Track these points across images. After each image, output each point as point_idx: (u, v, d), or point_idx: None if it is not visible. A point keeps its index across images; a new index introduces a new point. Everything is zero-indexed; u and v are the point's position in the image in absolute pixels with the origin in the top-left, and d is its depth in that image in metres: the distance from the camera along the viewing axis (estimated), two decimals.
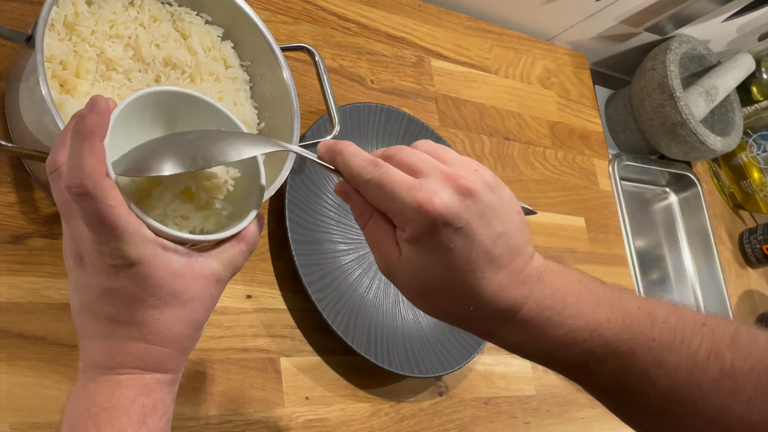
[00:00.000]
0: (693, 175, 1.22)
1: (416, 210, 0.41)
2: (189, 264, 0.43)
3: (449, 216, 0.40)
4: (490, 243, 0.42)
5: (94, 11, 0.60)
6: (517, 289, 0.43)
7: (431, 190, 0.41)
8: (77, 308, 0.44)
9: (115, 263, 0.41)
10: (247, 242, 0.46)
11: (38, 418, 0.54)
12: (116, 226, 0.40)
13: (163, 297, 0.42)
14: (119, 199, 0.40)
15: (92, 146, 0.40)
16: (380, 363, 0.69)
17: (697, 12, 1.11)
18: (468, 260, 0.41)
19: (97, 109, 0.40)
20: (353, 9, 0.88)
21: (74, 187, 0.39)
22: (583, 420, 0.89)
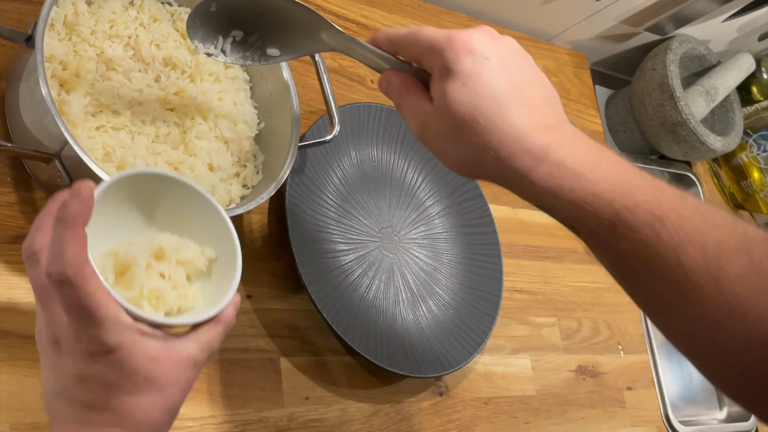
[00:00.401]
0: (693, 175, 1.22)
1: (444, 40, 0.44)
2: (166, 348, 0.43)
3: (475, 44, 0.44)
4: (519, 82, 0.45)
5: (94, 11, 0.60)
6: (548, 132, 0.44)
7: (461, 30, 0.45)
8: (51, 393, 0.43)
9: (92, 350, 0.40)
10: (223, 324, 0.46)
11: (38, 418, 0.54)
12: (95, 314, 0.39)
13: (140, 383, 0.42)
14: (99, 285, 0.40)
15: (75, 234, 0.39)
16: (380, 363, 0.69)
17: (697, 12, 1.11)
18: (497, 89, 0.44)
19: (81, 196, 0.40)
20: (353, 9, 0.88)
21: (55, 274, 0.39)
22: (583, 420, 0.89)
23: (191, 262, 0.48)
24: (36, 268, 0.42)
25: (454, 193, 0.85)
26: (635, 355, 0.99)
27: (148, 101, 0.60)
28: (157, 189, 0.49)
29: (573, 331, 0.94)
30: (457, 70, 0.44)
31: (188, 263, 0.48)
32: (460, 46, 0.44)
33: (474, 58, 0.44)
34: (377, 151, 0.81)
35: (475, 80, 0.44)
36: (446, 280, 0.81)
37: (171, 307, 0.47)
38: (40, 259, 0.41)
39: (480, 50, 0.44)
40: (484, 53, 0.44)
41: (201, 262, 0.49)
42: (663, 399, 1.00)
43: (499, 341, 0.85)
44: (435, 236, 0.83)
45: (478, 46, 0.44)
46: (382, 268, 0.77)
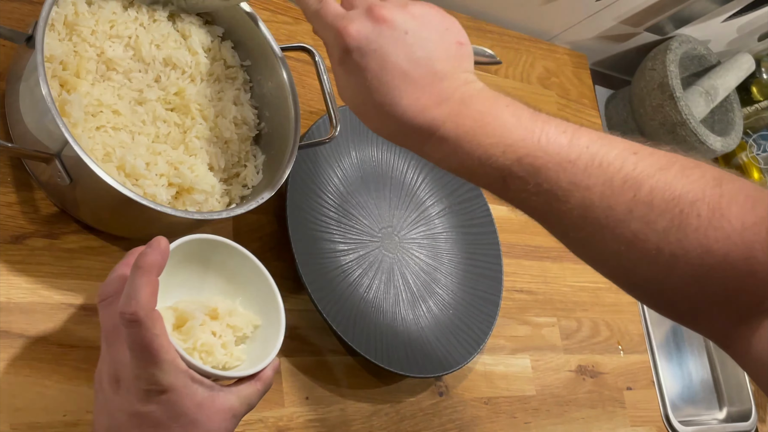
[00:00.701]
0: None
1: (334, 36, 0.48)
2: (211, 397, 0.47)
3: (360, 40, 0.46)
4: (406, 65, 0.47)
5: (94, 11, 0.60)
6: (435, 108, 0.47)
7: (349, 18, 0.47)
8: (104, 429, 0.47)
9: (149, 388, 0.44)
10: (263, 383, 0.51)
11: (38, 418, 0.54)
12: (157, 354, 0.44)
13: (186, 425, 0.45)
14: (163, 329, 0.45)
15: (150, 280, 0.45)
16: (380, 363, 0.69)
17: (697, 12, 1.11)
18: (381, 79, 0.47)
19: (160, 249, 0.46)
20: None
21: (128, 314, 0.43)
22: (583, 420, 0.89)
23: (240, 327, 0.53)
24: (108, 310, 0.47)
25: (454, 193, 0.85)
26: (635, 355, 0.99)
27: (149, 101, 0.60)
28: (213, 252, 0.55)
29: (573, 331, 0.94)
30: (347, 64, 0.47)
31: (237, 328, 0.53)
32: (349, 41, 0.47)
33: (361, 54, 0.47)
34: (377, 151, 0.81)
35: (362, 74, 0.47)
36: (446, 280, 0.81)
37: (218, 363, 0.51)
38: (113, 302, 0.47)
39: (366, 45, 0.47)
40: (371, 46, 0.47)
41: (248, 329, 0.54)
42: (663, 399, 1.00)
43: (499, 341, 0.85)
44: (435, 236, 0.83)
45: (364, 41, 0.47)
46: (382, 268, 0.77)
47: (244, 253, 0.55)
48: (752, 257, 0.42)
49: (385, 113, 0.47)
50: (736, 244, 0.42)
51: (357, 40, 0.46)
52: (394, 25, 0.47)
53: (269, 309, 0.55)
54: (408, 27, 0.47)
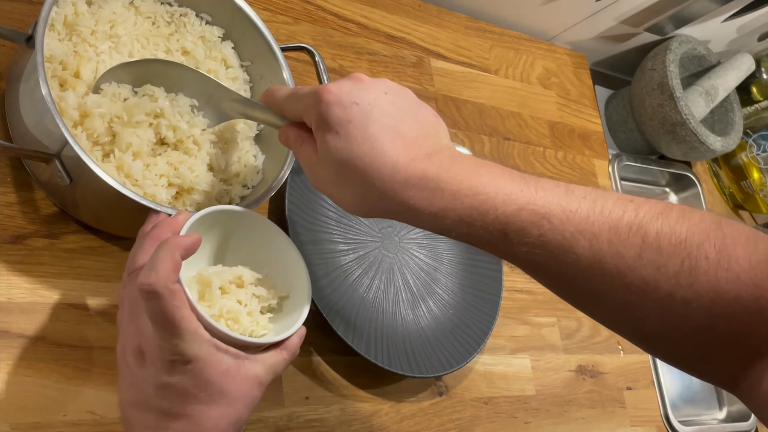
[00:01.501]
0: (693, 175, 1.22)
1: (314, 96, 0.46)
2: (237, 365, 0.47)
3: (342, 95, 0.46)
4: (388, 119, 0.46)
5: (94, 11, 0.60)
6: (425, 160, 0.45)
7: (327, 83, 0.47)
8: (130, 402, 0.47)
9: (173, 359, 0.45)
10: (289, 351, 0.51)
11: (38, 418, 0.54)
12: (178, 325, 0.44)
13: (213, 394, 0.45)
14: (183, 300, 0.45)
15: (172, 255, 0.45)
16: (380, 363, 0.69)
17: (697, 12, 1.11)
18: (366, 130, 0.45)
19: (194, 238, 0.47)
20: (353, 9, 0.88)
21: (146, 285, 0.43)
22: (583, 420, 0.89)
23: (266, 297, 0.54)
24: (134, 283, 0.47)
25: None
26: (635, 355, 0.99)
27: None
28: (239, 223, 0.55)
29: (573, 331, 0.94)
30: (329, 121, 0.45)
31: (262, 298, 0.53)
32: (329, 97, 0.46)
33: (343, 107, 0.45)
34: None
35: (346, 126, 0.45)
36: (446, 280, 0.82)
37: (244, 330, 0.51)
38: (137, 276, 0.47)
39: (347, 99, 0.46)
40: (352, 99, 0.45)
41: (274, 300, 0.54)
42: (663, 399, 1.00)
43: (499, 341, 0.85)
44: (435, 236, 0.83)
45: (345, 95, 0.46)
46: (382, 268, 0.77)
47: (270, 225, 0.55)
48: (762, 296, 0.42)
49: (371, 168, 0.45)
50: (745, 284, 0.42)
51: (338, 95, 0.46)
52: (374, 85, 0.47)
53: (296, 281, 0.55)
54: (387, 89, 0.47)
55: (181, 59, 0.64)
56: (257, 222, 0.55)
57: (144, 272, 0.44)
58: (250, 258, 0.56)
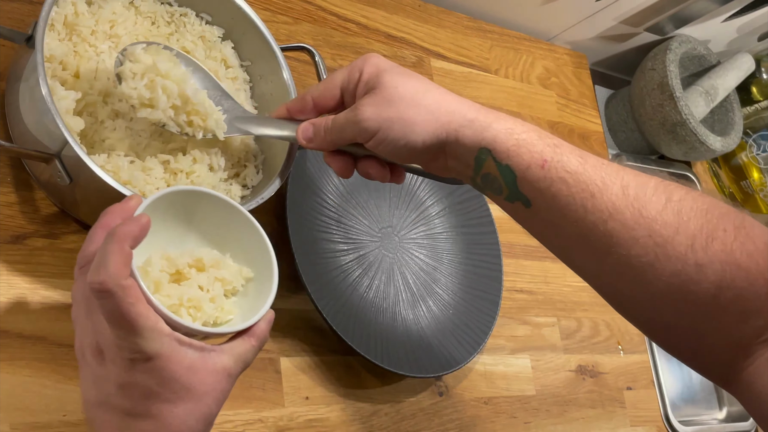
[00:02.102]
0: (693, 175, 1.22)
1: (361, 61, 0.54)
2: (203, 359, 0.45)
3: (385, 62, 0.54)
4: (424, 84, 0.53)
5: (94, 11, 0.60)
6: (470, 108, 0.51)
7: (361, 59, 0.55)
8: (92, 402, 0.45)
9: (133, 357, 0.42)
10: (257, 338, 0.48)
11: (38, 418, 0.54)
12: (135, 323, 0.42)
13: (178, 391, 0.43)
14: (138, 296, 0.42)
15: (121, 249, 0.42)
16: (380, 363, 0.69)
17: (697, 12, 1.11)
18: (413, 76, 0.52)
19: (140, 222, 0.44)
20: (353, 9, 0.88)
21: (97, 284, 0.41)
22: (583, 420, 0.89)
23: (229, 281, 0.51)
24: (84, 278, 0.45)
25: (454, 193, 0.85)
26: (635, 355, 0.99)
27: None
28: (197, 205, 0.52)
29: (573, 331, 0.94)
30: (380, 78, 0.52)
31: (226, 281, 0.51)
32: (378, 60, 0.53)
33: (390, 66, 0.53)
34: None
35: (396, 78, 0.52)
36: (446, 280, 0.81)
37: (208, 318, 0.49)
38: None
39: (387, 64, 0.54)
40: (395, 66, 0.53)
41: (238, 281, 0.52)
42: (663, 399, 1.00)
43: (499, 341, 0.85)
44: (435, 236, 0.83)
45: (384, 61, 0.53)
46: (382, 268, 0.77)
47: (230, 203, 0.52)
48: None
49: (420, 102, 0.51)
50: (758, 263, 0.43)
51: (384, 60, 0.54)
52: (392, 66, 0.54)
53: (261, 261, 0.52)
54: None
55: None
56: (217, 202, 0.52)
57: (93, 270, 0.42)
58: (211, 240, 0.53)
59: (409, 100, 0.51)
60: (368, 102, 0.51)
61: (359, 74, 0.53)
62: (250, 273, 0.52)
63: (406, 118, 0.50)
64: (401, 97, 0.51)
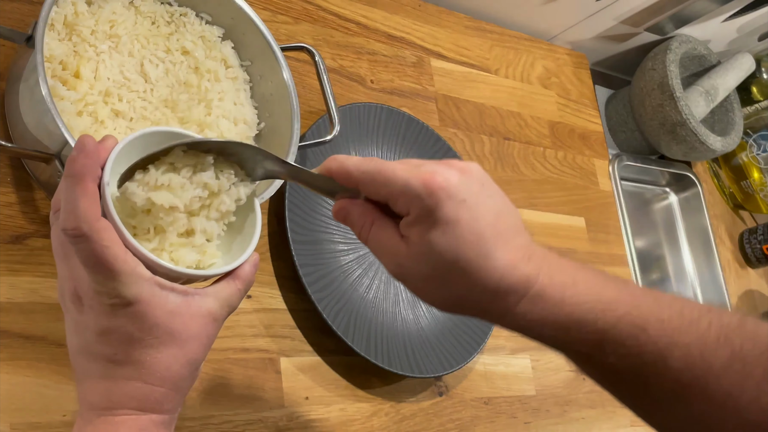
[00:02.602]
0: (693, 175, 1.22)
1: (420, 185, 0.42)
2: (186, 303, 0.43)
3: (452, 188, 0.42)
4: (492, 217, 0.43)
5: (94, 11, 0.60)
6: (526, 264, 0.43)
7: (432, 169, 0.42)
8: (75, 350, 0.44)
9: (112, 302, 0.41)
10: (242, 280, 0.46)
11: (38, 418, 0.54)
12: (112, 267, 0.40)
13: (161, 336, 0.42)
14: (115, 239, 0.40)
15: (84, 188, 0.40)
16: (380, 363, 0.69)
17: (697, 12, 1.11)
18: (476, 232, 0.42)
19: (85, 150, 0.41)
20: (353, 9, 0.88)
21: (70, 230, 0.40)
22: (583, 420, 0.89)
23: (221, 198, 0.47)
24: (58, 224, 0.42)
25: None
26: None
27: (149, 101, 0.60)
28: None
29: None
30: (437, 218, 0.42)
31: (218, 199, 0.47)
32: (439, 191, 0.42)
33: (453, 203, 0.42)
34: (377, 151, 0.81)
35: (455, 226, 0.42)
36: None
37: (190, 262, 0.47)
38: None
39: (456, 193, 0.42)
40: (461, 195, 0.42)
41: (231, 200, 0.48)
42: None
43: (499, 341, 0.85)
44: None
45: (453, 189, 0.42)
46: (382, 268, 0.77)
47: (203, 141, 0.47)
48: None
49: (476, 272, 0.42)
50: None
51: (448, 188, 0.41)
52: (474, 175, 0.43)
53: (244, 205, 0.49)
54: (483, 179, 0.44)
55: (180, 59, 0.64)
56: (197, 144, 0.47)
57: (63, 216, 0.40)
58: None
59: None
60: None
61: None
62: (232, 217, 0.49)
63: None
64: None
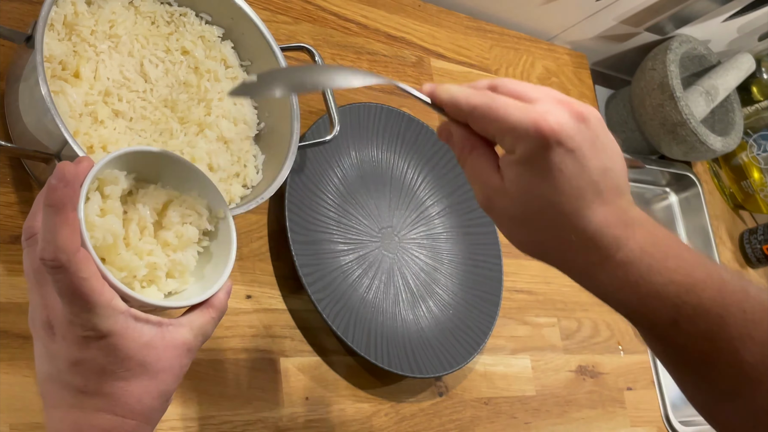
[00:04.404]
0: (693, 175, 1.22)
1: (530, 127, 0.40)
2: (160, 334, 0.43)
3: (563, 135, 0.40)
4: (597, 174, 0.41)
5: (94, 11, 0.60)
6: (620, 227, 0.42)
7: (545, 110, 0.40)
8: (44, 377, 0.43)
9: (86, 335, 0.41)
10: (216, 309, 0.46)
11: (38, 418, 0.54)
12: (89, 299, 0.40)
13: (133, 368, 0.42)
14: (93, 270, 0.40)
15: (65, 218, 0.40)
16: (380, 363, 0.69)
17: (697, 12, 1.11)
18: (577, 186, 0.41)
19: (65, 179, 0.40)
20: (353, 9, 0.88)
21: (48, 260, 0.39)
22: (583, 420, 0.89)
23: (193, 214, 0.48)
24: (32, 248, 0.42)
25: (454, 193, 0.85)
26: (635, 355, 0.99)
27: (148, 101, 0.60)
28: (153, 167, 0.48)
29: (573, 332, 0.94)
30: (541, 163, 0.40)
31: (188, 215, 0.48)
32: (550, 136, 0.39)
33: (561, 151, 0.40)
34: (377, 151, 0.81)
35: (558, 176, 0.40)
36: (446, 280, 0.81)
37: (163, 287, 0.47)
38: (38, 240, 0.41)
39: (566, 140, 0.40)
40: (570, 144, 0.40)
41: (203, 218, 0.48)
42: (663, 399, 1.00)
43: (499, 341, 0.85)
44: (435, 236, 0.83)
45: (565, 135, 0.40)
46: (382, 268, 0.77)
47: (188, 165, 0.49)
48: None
49: (566, 222, 0.41)
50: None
51: (560, 135, 0.39)
52: (591, 125, 0.41)
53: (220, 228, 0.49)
54: (599, 130, 0.42)
55: (180, 59, 0.64)
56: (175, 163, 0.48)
57: (42, 245, 0.39)
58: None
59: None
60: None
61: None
62: (207, 241, 0.49)
63: None
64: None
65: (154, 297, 0.45)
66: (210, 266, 0.50)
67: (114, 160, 0.45)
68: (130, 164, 0.47)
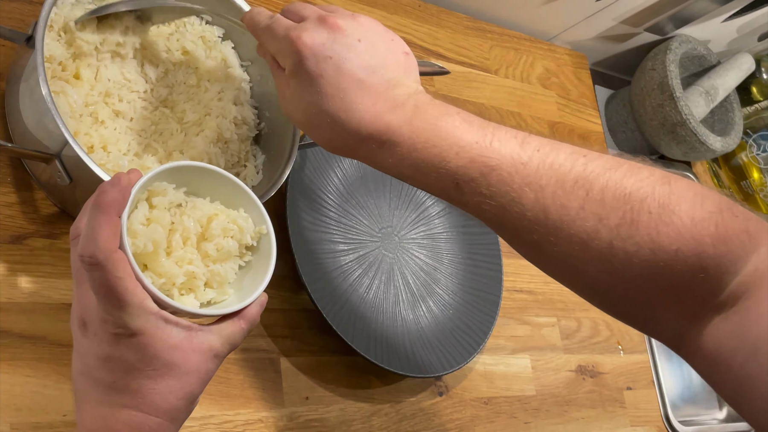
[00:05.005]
0: (693, 175, 1.22)
1: (288, 44, 0.48)
2: (188, 338, 0.44)
3: (315, 47, 0.47)
4: (361, 72, 0.47)
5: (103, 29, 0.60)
6: (390, 114, 0.47)
7: (303, 28, 0.48)
8: (77, 373, 0.45)
9: (117, 332, 0.42)
10: (247, 321, 0.48)
11: (38, 418, 0.54)
12: (122, 298, 0.42)
13: (160, 368, 0.43)
14: (128, 271, 0.42)
15: (109, 220, 0.42)
16: (380, 363, 0.69)
17: (697, 12, 1.11)
18: (337, 86, 0.47)
19: (119, 186, 0.43)
20: (353, 9, 0.88)
21: (86, 257, 0.41)
22: (583, 420, 0.89)
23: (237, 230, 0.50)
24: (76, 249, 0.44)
25: None
26: (635, 355, 0.99)
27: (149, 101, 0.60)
28: (198, 181, 0.50)
29: (573, 331, 0.94)
30: (302, 73, 0.47)
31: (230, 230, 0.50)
32: (303, 50, 0.47)
33: (316, 61, 0.47)
34: None
35: (318, 81, 0.47)
36: (446, 280, 0.82)
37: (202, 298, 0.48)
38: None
39: (321, 52, 0.47)
40: (327, 53, 0.47)
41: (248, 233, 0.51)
42: (663, 399, 1.00)
43: (499, 341, 0.85)
44: (435, 236, 0.83)
45: (319, 48, 0.47)
46: (382, 268, 0.77)
47: (232, 180, 0.51)
48: (703, 252, 0.42)
49: (339, 121, 0.47)
50: (686, 240, 0.43)
51: (312, 48, 0.47)
52: (347, 33, 0.48)
53: (261, 242, 0.51)
54: (360, 35, 0.48)
55: (180, 59, 0.64)
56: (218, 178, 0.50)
57: (82, 242, 0.42)
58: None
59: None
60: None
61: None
62: (250, 256, 0.51)
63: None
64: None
65: (188, 304, 0.47)
66: (248, 278, 0.51)
67: (164, 172, 0.48)
68: (181, 178, 0.49)
